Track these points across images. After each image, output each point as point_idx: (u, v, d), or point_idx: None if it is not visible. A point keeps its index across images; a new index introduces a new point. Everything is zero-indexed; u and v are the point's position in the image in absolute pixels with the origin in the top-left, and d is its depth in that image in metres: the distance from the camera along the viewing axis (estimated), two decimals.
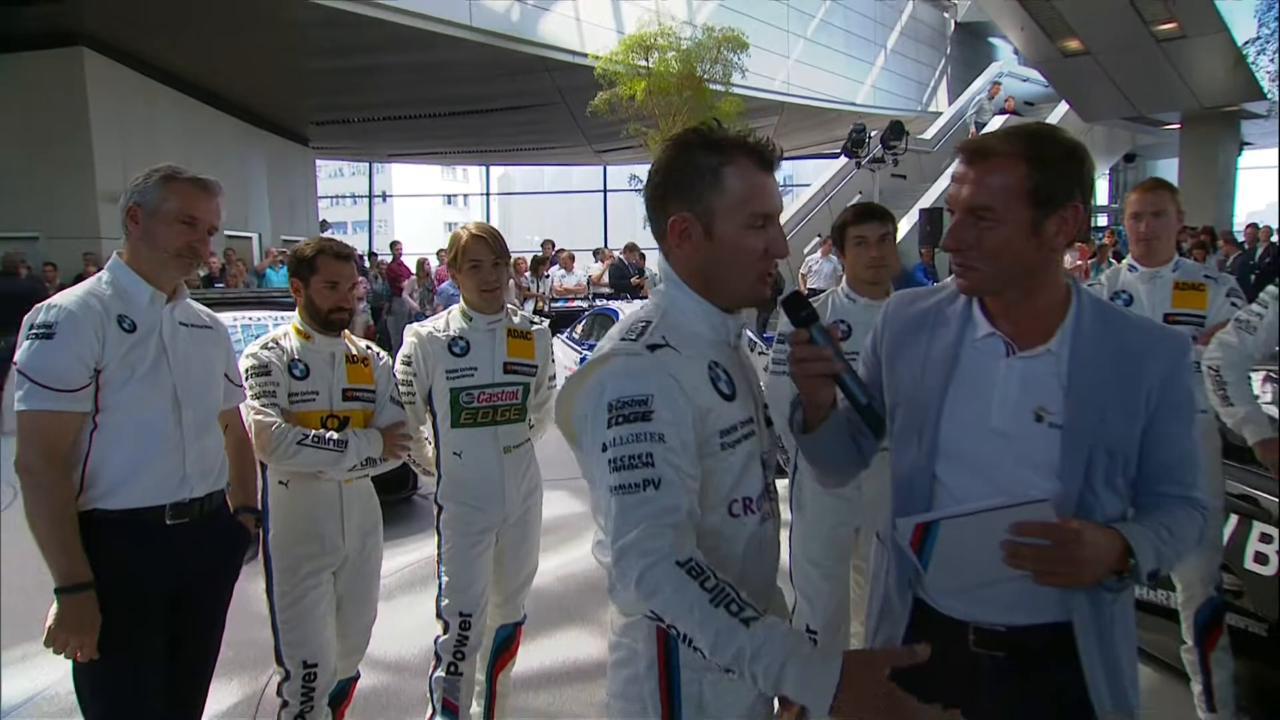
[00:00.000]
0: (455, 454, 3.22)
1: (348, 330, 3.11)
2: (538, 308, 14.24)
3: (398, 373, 3.23)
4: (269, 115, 19.47)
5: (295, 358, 2.99)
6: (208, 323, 2.66)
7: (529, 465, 3.34)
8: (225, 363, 2.70)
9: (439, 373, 3.20)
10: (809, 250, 17.05)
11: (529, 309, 13.61)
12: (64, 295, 2.41)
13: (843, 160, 18.41)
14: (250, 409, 2.87)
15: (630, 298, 14.15)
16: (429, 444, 3.31)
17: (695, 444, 1.61)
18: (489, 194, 34.34)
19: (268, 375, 2.93)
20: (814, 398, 1.79)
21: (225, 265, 14.38)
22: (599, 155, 25.39)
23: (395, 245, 17.69)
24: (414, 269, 16.21)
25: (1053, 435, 1.68)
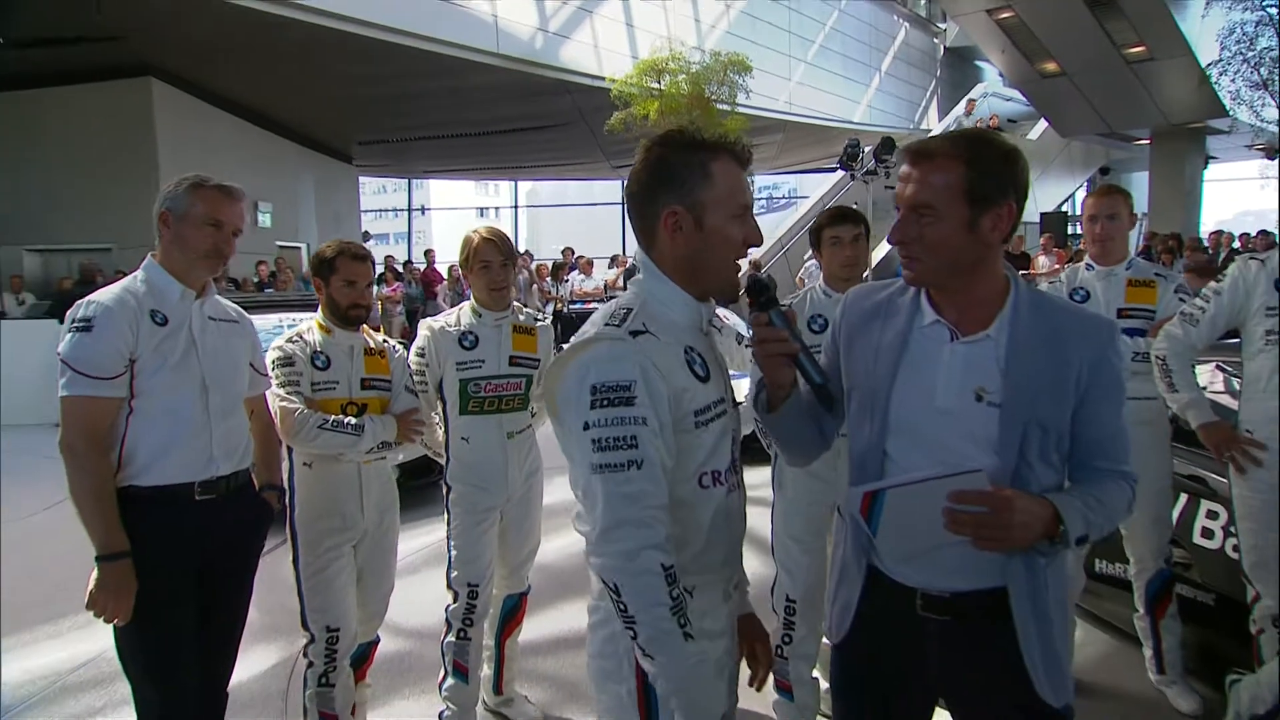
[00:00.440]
0: (463, 439, 3.22)
1: (366, 325, 3.12)
2: (558, 309, 14.25)
3: (412, 363, 3.23)
4: (317, 137, 19.55)
5: (318, 350, 3.00)
6: (234, 317, 2.67)
7: (530, 449, 3.33)
8: (250, 353, 2.71)
9: (450, 364, 3.20)
10: (808, 256, 16.96)
11: (550, 311, 13.66)
12: (102, 292, 2.42)
13: (840, 173, 18.32)
14: (276, 396, 2.88)
15: None
16: (439, 429, 3.30)
17: (671, 423, 1.61)
18: (517, 206, 34.31)
19: (292, 366, 2.94)
20: (774, 377, 1.78)
21: (276, 272, 14.48)
22: (616, 170, 25.31)
23: (429, 253, 17.76)
24: (445, 275, 16.25)
25: (991, 413, 1.67)
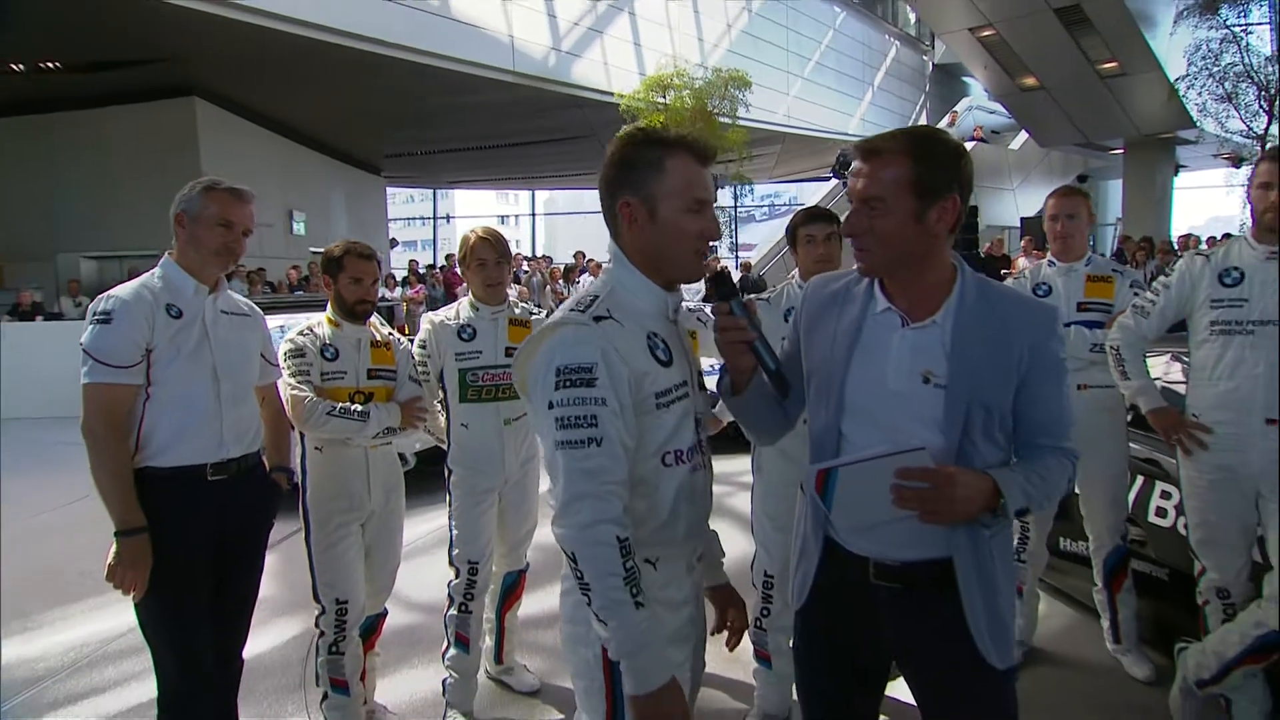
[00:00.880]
0: (463, 425, 3.20)
1: (384, 325, 3.11)
2: None
3: (415, 355, 3.20)
4: (347, 150, 19.62)
5: (327, 342, 2.98)
6: (246, 311, 2.65)
7: (527, 435, 3.30)
8: (261, 345, 2.69)
9: (449, 355, 3.17)
10: None
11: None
12: (121, 288, 2.42)
13: (833, 181, 18.27)
14: (288, 385, 2.87)
15: None
16: (442, 416, 3.28)
17: (632, 404, 1.59)
18: (534, 214, 34.30)
19: (302, 357, 2.93)
20: (735, 363, 1.77)
21: (308, 276, 14.52)
22: None
23: (450, 258, 17.77)
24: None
25: (938, 394, 1.64)
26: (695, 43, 19.32)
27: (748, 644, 3.16)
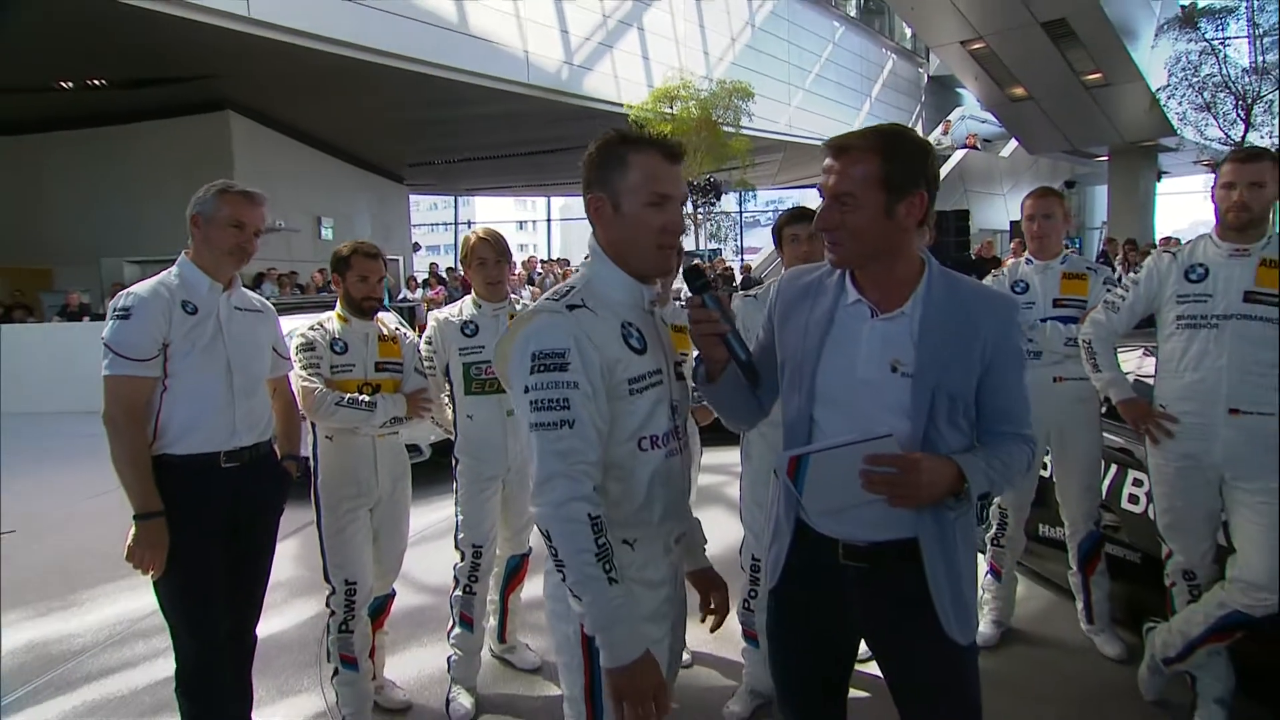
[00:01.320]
0: (468, 416, 3.18)
1: (380, 315, 3.09)
2: None
3: (421, 350, 3.19)
4: (372, 160, 19.61)
5: (336, 337, 2.98)
6: (259, 307, 2.64)
7: None
8: (273, 339, 2.69)
9: (454, 350, 3.16)
10: None
11: None
12: (140, 285, 2.42)
13: None
14: (299, 378, 2.86)
15: None
16: (449, 409, 3.27)
17: (604, 389, 1.58)
18: (550, 220, 34.28)
19: (313, 351, 2.92)
20: (709, 353, 1.75)
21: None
22: None
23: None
24: None
25: (905, 383, 1.61)
26: (701, 56, 19.24)
27: (737, 624, 3.15)
